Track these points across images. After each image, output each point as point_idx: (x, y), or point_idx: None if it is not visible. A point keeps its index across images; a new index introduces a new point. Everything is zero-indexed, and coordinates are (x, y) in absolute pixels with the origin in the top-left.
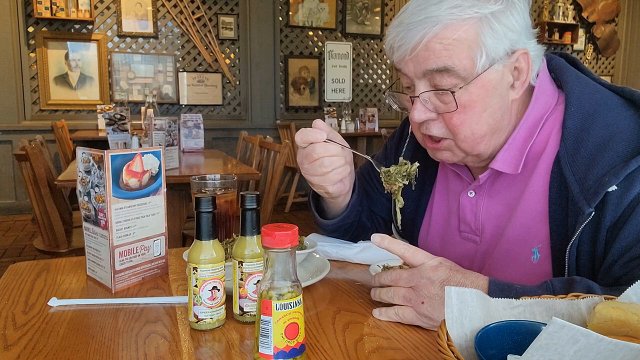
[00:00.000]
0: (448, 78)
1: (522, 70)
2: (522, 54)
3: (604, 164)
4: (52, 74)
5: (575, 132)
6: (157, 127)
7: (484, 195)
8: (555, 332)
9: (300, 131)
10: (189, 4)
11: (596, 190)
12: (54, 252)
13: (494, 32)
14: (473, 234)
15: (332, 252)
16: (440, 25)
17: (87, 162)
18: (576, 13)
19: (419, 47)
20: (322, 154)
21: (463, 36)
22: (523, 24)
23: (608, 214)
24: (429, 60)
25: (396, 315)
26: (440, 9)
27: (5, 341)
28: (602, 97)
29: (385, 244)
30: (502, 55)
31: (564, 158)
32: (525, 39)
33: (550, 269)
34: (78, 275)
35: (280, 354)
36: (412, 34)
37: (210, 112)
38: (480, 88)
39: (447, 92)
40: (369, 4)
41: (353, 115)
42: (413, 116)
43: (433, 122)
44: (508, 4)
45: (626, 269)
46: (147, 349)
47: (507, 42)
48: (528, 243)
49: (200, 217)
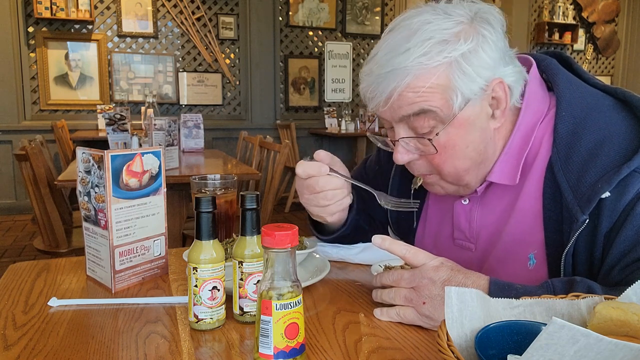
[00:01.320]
0: (426, 120)
1: (500, 99)
2: (497, 84)
3: (597, 170)
4: (52, 74)
5: (566, 137)
6: (157, 127)
7: (478, 202)
8: (555, 332)
9: (301, 163)
10: (189, 4)
11: (589, 198)
12: (54, 252)
13: (466, 75)
14: (467, 241)
15: (332, 252)
16: (410, 76)
17: (87, 162)
18: (576, 13)
19: (392, 98)
20: (325, 187)
21: (435, 82)
22: (497, 54)
23: (604, 220)
24: (403, 107)
25: (397, 316)
26: (409, 60)
27: (5, 341)
28: (593, 100)
29: (386, 245)
30: (477, 92)
31: (557, 164)
32: (502, 67)
33: (546, 275)
34: (78, 275)
35: (280, 354)
36: (383, 87)
37: (210, 112)
38: (458, 127)
39: (424, 138)
40: (369, 4)
41: (353, 115)
42: (396, 158)
43: (417, 161)
44: (478, 39)
45: (624, 273)
46: (147, 349)
47: (481, 80)
48: (524, 249)
49: (200, 217)
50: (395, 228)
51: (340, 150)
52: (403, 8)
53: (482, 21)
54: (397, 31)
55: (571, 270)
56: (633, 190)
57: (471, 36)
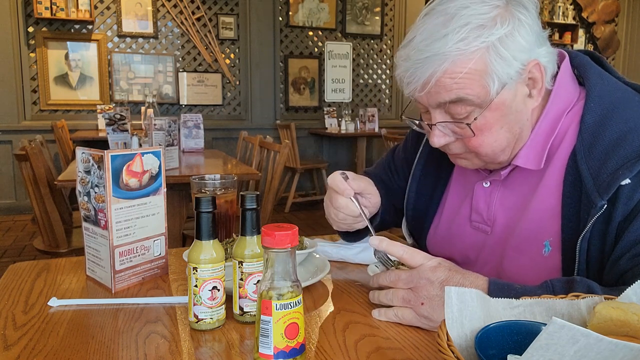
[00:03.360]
0: (463, 107)
1: (537, 79)
2: (534, 65)
3: (619, 158)
4: (52, 74)
5: (592, 127)
6: (157, 127)
7: (499, 186)
8: (555, 332)
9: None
10: (189, 4)
11: (609, 183)
12: (54, 252)
13: (503, 58)
14: (484, 224)
15: (332, 252)
16: (448, 62)
17: (87, 162)
18: (576, 13)
19: (429, 84)
20: (339, 207)
21: (473, 68)
22: (532, 37)
23: (619, 207)
24: (441, 94)
25: (395, 316)
26: (447, 45)
27: (5, 341)
28: (623, 94)
29: (384, 246)
30: (514, 76)
31: (580, 152)
32: (537, 48)
33: (560, 262)
34: (78, 275)
35: (280, 354)
36: (421, 73)
37: (210, 112)
38: (495, 111)
39: (462, 123)
40: (369, 4)
41: (353, 115)
42: (433, 142)
43: (453, 143)
44: (515, 23)
45: (632, 263)
46: (147, 349)
47: (518, 63)
48: (540, 236)
49: (200, 217)
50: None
51: (340, 150)
52: (403, 8)
53: (517, 4)
54: (433, 16)
55: (585, 258)
56: None
57: (507, 20)
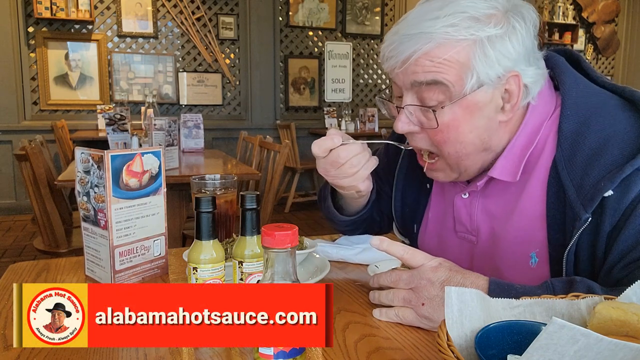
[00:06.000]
0: (435, 93)
1: (513, 93)
2: (513, 76)
3: (600, 169)
4: (52, 74)
5: (571, 137)
6: (157, 127)
7: (478, 196)
8: (555, 332)
9: (315, 143)
10: (189, 4)
11: (592, 196)
12: (54, 252)
13: (487, 57)
14: (469, 234)
15: (332, 252)
16: (433, 42)
17: (86, 162)
18: (576, 13)
19: (409, 61)
20: (349, 156)
21: (454, 57)
22: (522, 50)
23: (607, 219)
24: (418, 73)
25: (396, 317)
26: (436, 26)
27: (5, 341)
28: (599, 100)
29: (384, 246)
30: (493, 79)
31: (561, 163)
32: (524, 65)
33: (548, 274)
34: (78, 275)
35: (280, 354)
36: (404, 48)
37: (210, 112)
38: (465, 109)
39: (429, 109)
40: (369, 4)
41: (353, 115)
42: (396, 126)
43: (417, 135)
44: (508, 29)
45: (625, 271)
46: (147, 349)
47: (500, 68)
48: (526, 247)
49: (200, 217)
50: (400, 224)
51: None
52: (403, 8)
53: (516, 14)
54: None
55: (573, 269)
56: (636, 189)
57: (502, 23)
